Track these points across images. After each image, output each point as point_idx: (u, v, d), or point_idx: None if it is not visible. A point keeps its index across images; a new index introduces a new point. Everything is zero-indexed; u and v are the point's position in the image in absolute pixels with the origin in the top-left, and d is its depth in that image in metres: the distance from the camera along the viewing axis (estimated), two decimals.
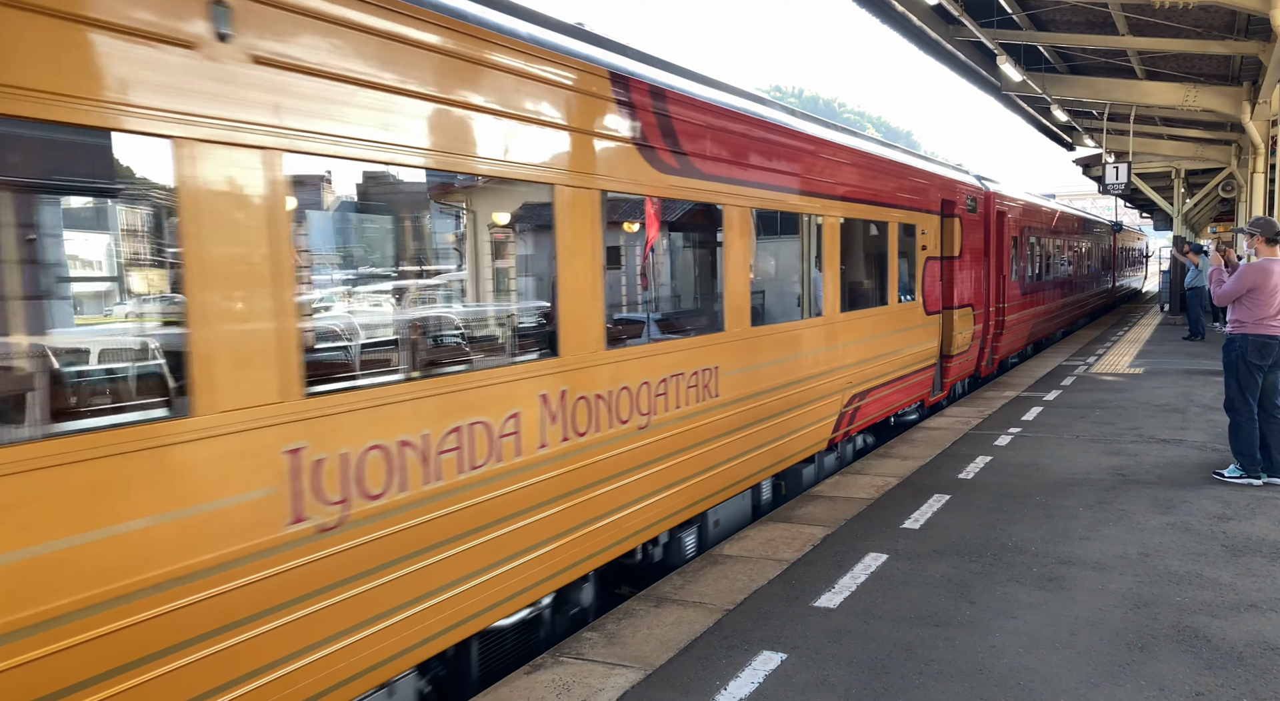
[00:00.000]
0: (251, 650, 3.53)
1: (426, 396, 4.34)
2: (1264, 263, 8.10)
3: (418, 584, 4.25)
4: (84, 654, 3.05)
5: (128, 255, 4.32)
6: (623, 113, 5.66)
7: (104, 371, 4.14)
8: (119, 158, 3.46)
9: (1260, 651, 4.72)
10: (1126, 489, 7.93)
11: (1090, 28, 13.35)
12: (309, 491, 3.77)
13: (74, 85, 3.03)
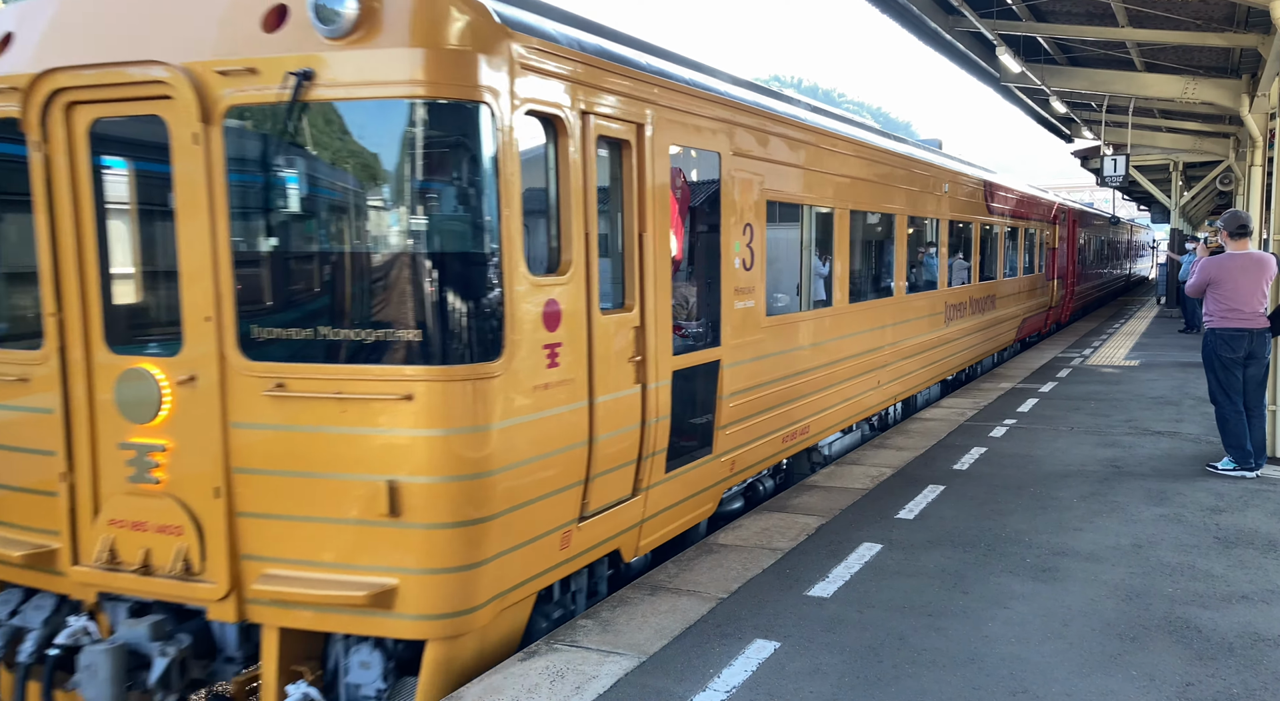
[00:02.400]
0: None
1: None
2: (1224, 257, 8.11)
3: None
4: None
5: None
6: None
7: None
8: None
9: (1250, 642, 4.75)
10: (1120, 481, 7.96)
11: (1090, 19, 13.31)
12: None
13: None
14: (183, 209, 4.35)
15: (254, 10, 4.20)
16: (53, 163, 4.53)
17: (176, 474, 4.45)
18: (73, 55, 4.45)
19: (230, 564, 4.38)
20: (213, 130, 4.24)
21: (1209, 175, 26.19)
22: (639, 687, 4.36)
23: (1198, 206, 33.90)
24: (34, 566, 4.75)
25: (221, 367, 4.33)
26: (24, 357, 4.73)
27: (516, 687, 4.40)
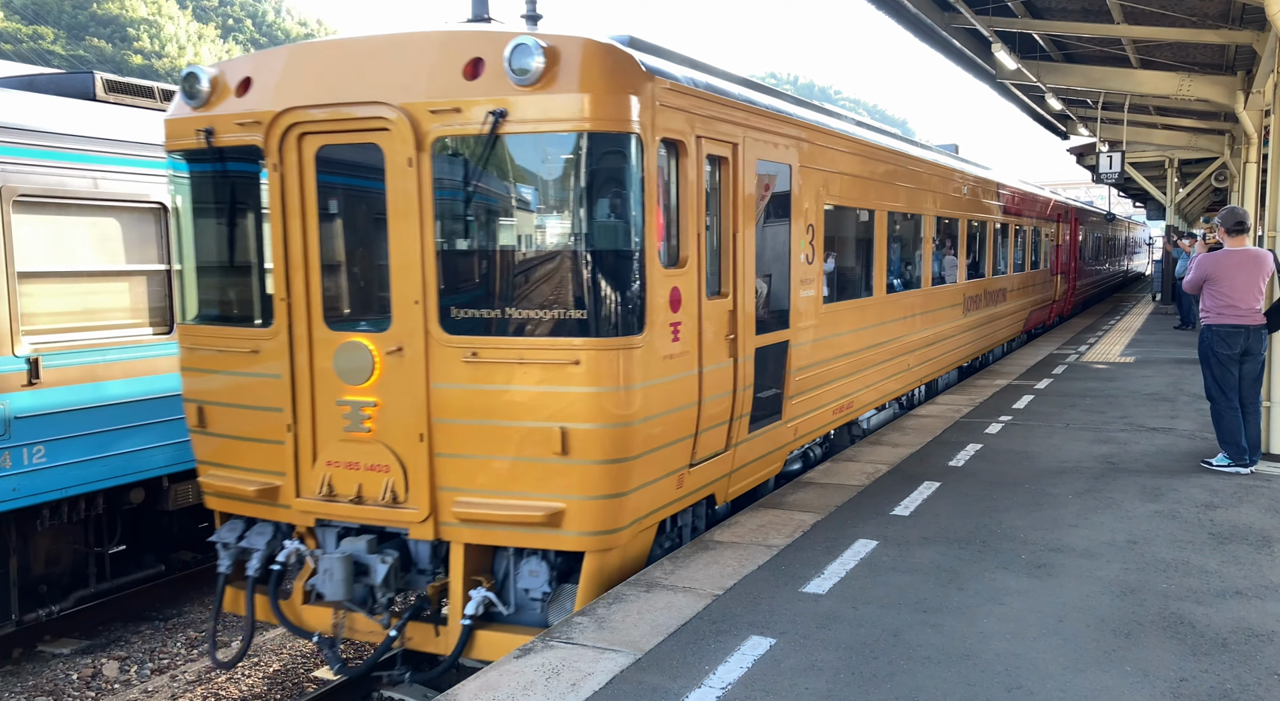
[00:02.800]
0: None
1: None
2: (1221, 253, 8.12)
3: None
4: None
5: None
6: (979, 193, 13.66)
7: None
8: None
9: (1244, 638, 4.76)
10: (1116, 477, 7.98)
11: (1085, 15, 13.32)
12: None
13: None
14: (395, 217, 5.46)
15: (457, 62, 5.34)
16: (286, 181, 5.68)
17: (384, 424, 5.59)
18: (305, 97, 5.60)
19: (430, 494, 5.52)
20: (423, 156, 5.36)
21: (1204, 172, 26.23)
22: (634, 685, 4.37)
23: (1193, 203, 33.96)
24: (262, 500, 5.93)
25: (426, 341, 5.46)
26: (256, 334, 5.91)
27: (512, 684, 4.40)
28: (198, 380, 6.20)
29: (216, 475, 6.16)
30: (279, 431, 5.78)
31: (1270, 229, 8.55)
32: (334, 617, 5.80)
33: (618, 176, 5.39)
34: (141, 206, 7.73)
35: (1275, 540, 6.30)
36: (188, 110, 6.00)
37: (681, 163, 5.87)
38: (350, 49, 5.73)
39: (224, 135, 5.86)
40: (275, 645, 7.65)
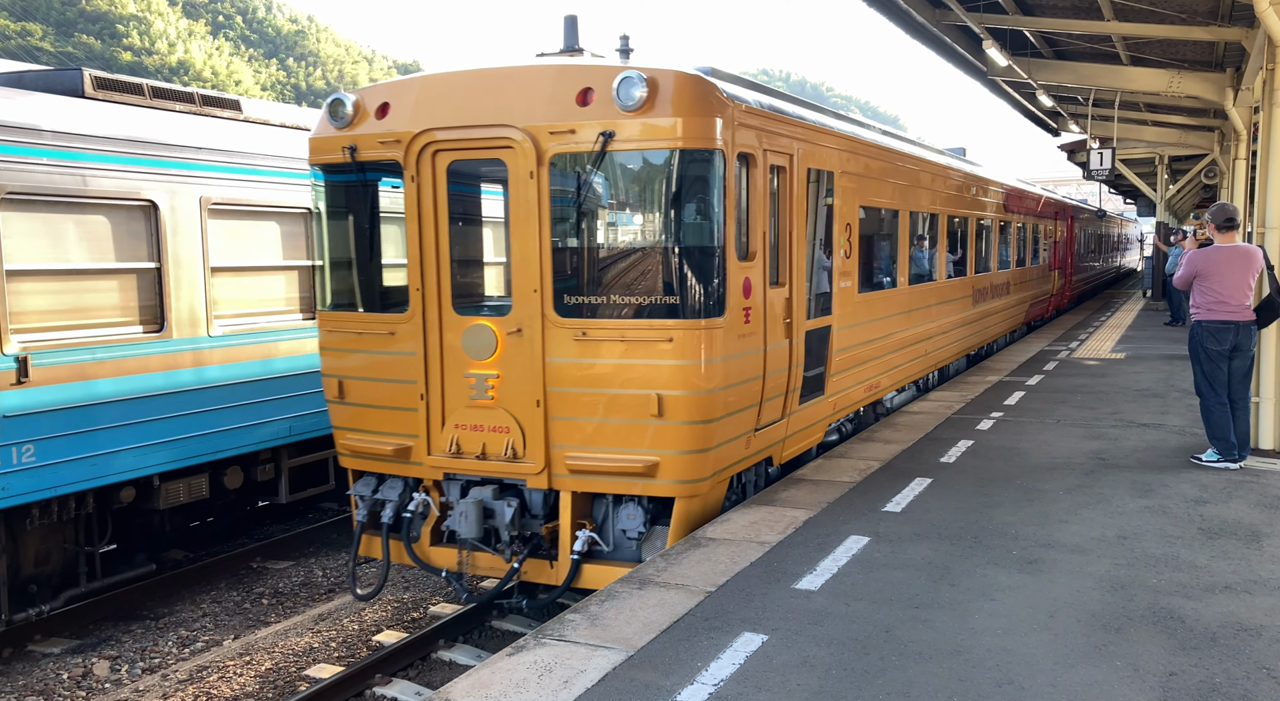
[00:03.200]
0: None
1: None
2: (1211, 249, 8.16)
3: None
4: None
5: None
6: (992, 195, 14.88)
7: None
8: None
9: (1233, 632, 4.79)
10: (1106, 473, 8.01)
11: (1075, 12, 13.34)
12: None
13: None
14: (516, 220, 6.50)
15: (570, 91, 6.34)
16: (421, 190, 6.72)
17: (504, 393, 6.64)
18: (439, 120, 6.63)
19: (545, 451, 6.56)
20: (542, 169, 6.38)
21: (1194, 169, 26.32)
22: (627, 681, 4.37)
23: (1183, 200, 34.06)
24: (397, 459, 7.01)
25: (542, 323, 6.47)
26: (393, 319, 6.94)
27: (505, 682, 4.40)
28: (337, 358, 7.24)
29: (353, 438, 7.20)
30: (413, 400, 6.86)
31: (1260, 225, 8.59)
32: (459, 557, 6.94)
33: (704, 185, 6.39)
34: (132, 204, 7.70)
35: (1264, 535, 6.33)
36: (332, 130, 7.03)
37: (752, 172, 6.89)
38: (476, 79, 6.75)
39: (366, 151, 6.90)
40: (268, 643, 7.64)
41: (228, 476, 8.82)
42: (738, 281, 6.66)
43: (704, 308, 6.36)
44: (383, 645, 7.42)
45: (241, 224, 8.66)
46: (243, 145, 8.65)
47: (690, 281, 6.39)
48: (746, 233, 6.85)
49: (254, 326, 8.72)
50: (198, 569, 9.00)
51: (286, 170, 9.00)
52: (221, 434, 8.41)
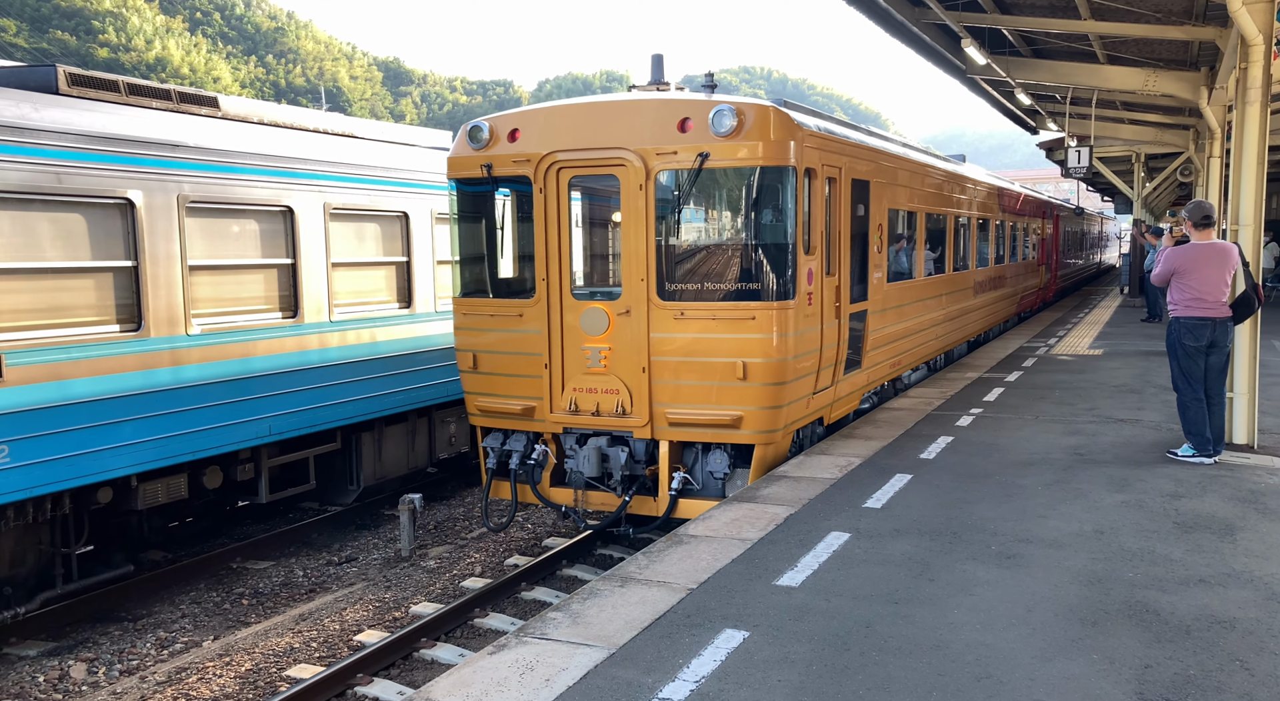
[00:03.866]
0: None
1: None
2: (1189, 247, 8.24)
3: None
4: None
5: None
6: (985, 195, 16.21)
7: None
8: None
9: (1207, 625, 4.85)
10: (1084, 468, 8.08)
11: (1053, 11, 13.44)
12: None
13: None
14: (626, 222, 8.01)
15: (672, 121, 7.85)
16: (546, 199, 8.20)
17: (615, 362, 8.14)
18: (563, 143, 8.13)
19: (649, 408, 8.06)
20: (649, 183, 7.90)
21: (1170, 166, 26.57)
22: (608, 679, 4.38)
23: (1159, 197, 34.40)
24: (523, 417, 8.52)
25: (648, 305, 7.99)
26: (521, 304, 8.44)
27: (486, 681, 4.40)
28: (471, 336, 8.74)
29: (484, 401, 8.71)
30: (538, 369, 8.35)
31: (1233, 222, 8.69)
32: (575, 495, 8.50)
33: (779, 195, 7.87)
34: (108, 202, 7.62)
35: (1238, 529, 6.41)
36: (470, 150, 8.52)
37: (813, 184, 8.32)
38: (593, 110, 8.24)
39: (500, 168, 8.37)
40: (248, 644, 7.59)
41: (207, 476, 8.76)
42: (803, 271, 8.13)
43: (779, 292, 7.87)
44: (364, 644, 7.40)
45: (221, 222, 8.59)
46: (221, 142, 8.59)
47: (767, 271, 7.92)
48: (809, 232, 8.26)
49: (233, 325, 8.66)
50: (176, 569, 8.93)
51: (265, 168, 8.94)
52: (200, 433, 8.35)
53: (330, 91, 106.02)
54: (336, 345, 9.68)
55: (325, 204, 9.52)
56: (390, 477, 10.83)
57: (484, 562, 9.38)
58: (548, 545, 9.78)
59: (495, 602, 8.15)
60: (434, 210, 10.87)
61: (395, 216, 10.44)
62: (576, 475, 8.46)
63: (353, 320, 9.87)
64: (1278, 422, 9.83)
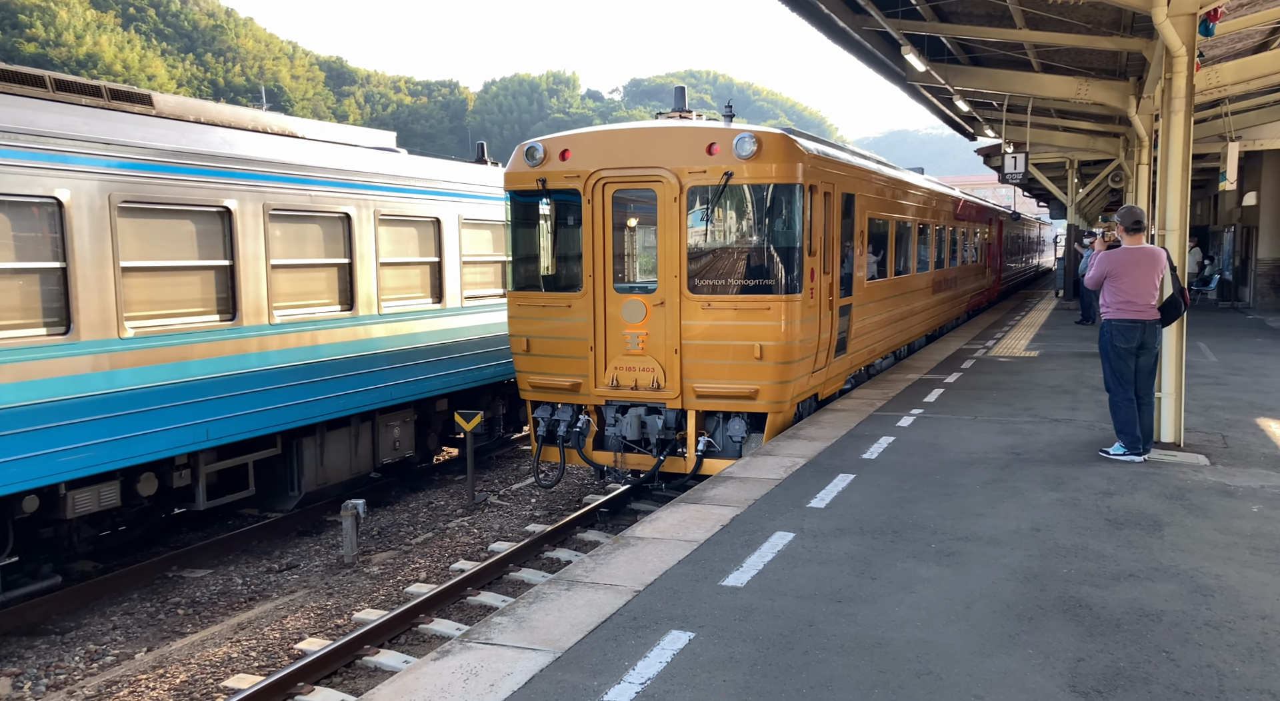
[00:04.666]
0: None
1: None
2: (1121, 251, 8.50)
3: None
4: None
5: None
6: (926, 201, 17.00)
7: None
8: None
9: (1136, 618, 4.99)
10: (1021, 467, 8.27)
11: (990, 20, 13.76)
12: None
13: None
14: (662, 229, 9.49)
15: (701, 145, 9.36)
16: (594, 209, 9.65)
17: (651, 345, 9.60)
18: (608, 162, 9.63)
19: (680, 383, 9.56)
20: (682, 196, 9.39)
21: (1102, 173, 27.35)
22: (553, 683, 4.36)
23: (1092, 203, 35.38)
24: (570, 391, 9.98)
25: (680, 297, 9.46)
26: (570, 296, 9.89)
27: (429, 687, 4.35)
28: (524, 324, 10.13)
29: (536, 378, 10.15)
30: (584, 351, 9.83)
31: (1161, 228, 8.97)
32: (614, 457, 9.99)
33: (790, 207, 9.45)
34: (35, 201, 7.38)
35: (1165, 525, 6.62)
36: (525, 167, 9.96)
37: (814, 197, 9.78)
38: (634, 135, 9.78)
39: (553, 182, 9.85)
40: (183, 655, 7.40)
41: (141, 483, 8.53)
42: (807, 270, 9.64)
43: (788, 287, 9.42)
44: (305, 652, 7.26)
45: (155, 223, 8.37)
46: (156, 141, 8.37)
47: (779, 270, 9.46)
48: (811, 237, 9.74)
49: (169, 328, 8.45)
50: (108, 580, 8.68)
51: (202, 168, 8.74)
52: (133, 439, 8.12)
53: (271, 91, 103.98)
54: (277, 348, 9.50)
55: (265, 205, 9.34)
56: (333, 483, 10.66)
57: (429, 568, 9.29)
58: (494, 549, 9.72)
59: (440, 608, 8.06)
60: (378, 211, 10.73)
61: (337, 218, 10.29)
62: (615, 440, 9.96)
63: (293, 323, 9.70)
64: (1202, 421, 10.17)
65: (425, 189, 11.54)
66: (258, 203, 9.27)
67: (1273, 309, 25.50)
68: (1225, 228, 31.12)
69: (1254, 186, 25.93)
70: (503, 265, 10.25)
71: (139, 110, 8.80)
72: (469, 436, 11.28)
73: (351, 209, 10.39)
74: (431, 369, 11.58)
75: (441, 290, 11.78)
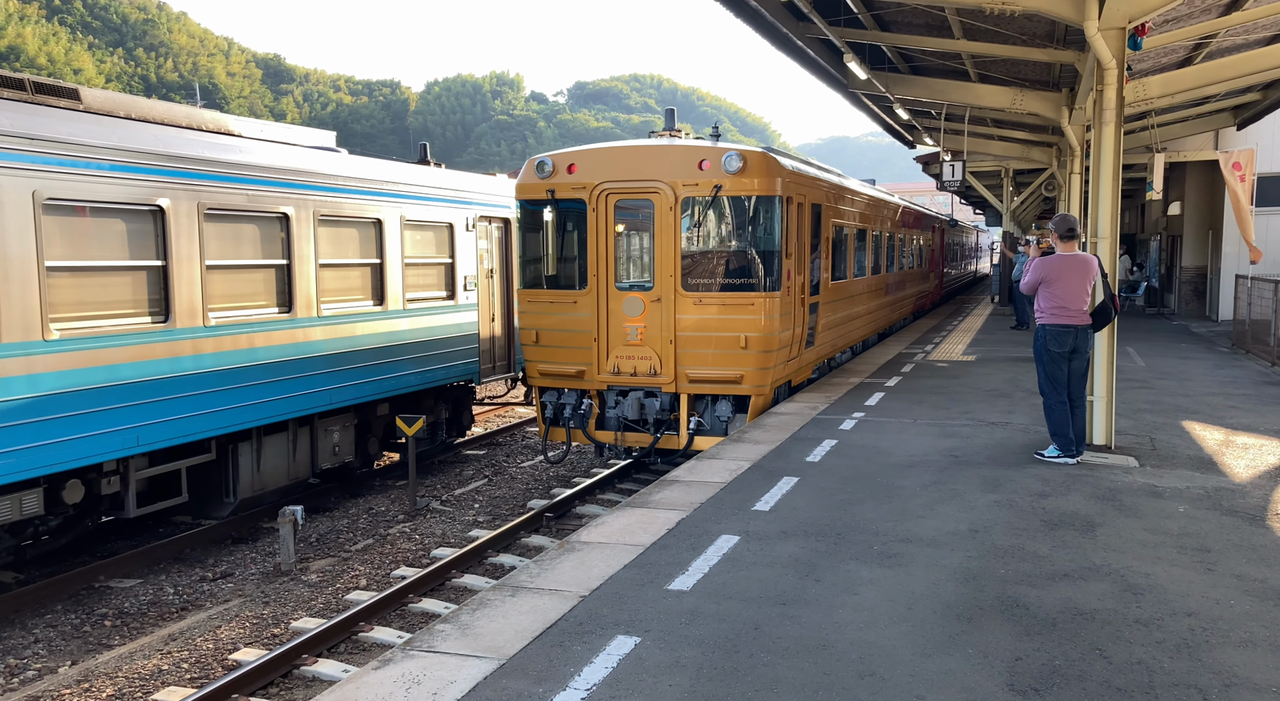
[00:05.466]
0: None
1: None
2: (1055, 257, 8.73)
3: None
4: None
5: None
6: (885, 213, 19.23)
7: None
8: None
9: (1071, 617, 5.11)
10: (959, 469, 8.43)
11: (929, 30, 14.02)
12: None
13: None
14: (659, 234, 10.73)
15: (694, 161, 10.61)
16: (598, 216, 10.89)
17: (648, 336, 10.83)
18: (611, 175, 10.86)
19: (674, 370, 10.78)
20: (677, 205, 10.62)
21: (1036, 181, 28.07)
22: (498, 691, 4.30)
23: (1026, 210, 36.27)
24: (576, 376, 11.19)
25: (674, 294, 10.67)
26: (575, 293, 11.11)
27: (370, 697, 4.26)
28: (533, 318, 11.40)
29: (544, 367, 11.38)
30: (589, 342, 11.10)
31: (1093, 235, 9.22)
32: (614, 436, 11.23)
33: (770, 215, 10.81)
34: None
35: (1097, 525, 6.79)
36: (536, 179, 11.18)
37: (789, 207, 11.14)
38: (635, 152, 11.07)
39: (561, 193, 11.10)
40: (110, 668, 7.15)
41: (66, 491, 8.23)
42: (785, 270, 10.99)
43: (769, 285, 10.75)
44: (240, 663, 7.07)
45: (83, 221, 8.09)
46: (83, 137, 8.09)
47: (761, 270, 10.77)
48: (788, 242, 11.07)
49: (97, 330, 8.17)
50: (29, 591, 8.35)
51: (134, 165, 8.48)
52: (58, 445, 7.83)
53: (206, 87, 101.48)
54: (211, 351, 9.26)
55: (200, 204, 9.10)
56: (270, 489, 10.41)
57: (369, 575, 9.12)
58: (437, 555, 9.58)
59: (381, 616, 7.92)
60: (317, 211, 10.53)
61: (276, 218, 10.06)
62: (615, 420, 11.17)
63: (229, 325, 9.46)
64: (1132, 424, 10.48)
65: (366, 189, 11.36)
66: (192, 202, 9.02)
67: (1196, 315, 26.43)
68: (1152, 236, 32.18)
69: (1178, 196, 26.86)
70: (517, 264, 11.56)
71: (66, 105, 8.51)
72: (411, 441, 11.13)
73: (290, 209, 10.18)
74: (372, 372, 11.39)
75: (383, 292, 11.60)
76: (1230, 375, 14.59)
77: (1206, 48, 14.10)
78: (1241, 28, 12.82)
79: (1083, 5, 8.92)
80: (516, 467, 13.45)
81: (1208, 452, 9.16)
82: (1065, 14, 9.14)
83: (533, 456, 14.18)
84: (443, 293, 12.73)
